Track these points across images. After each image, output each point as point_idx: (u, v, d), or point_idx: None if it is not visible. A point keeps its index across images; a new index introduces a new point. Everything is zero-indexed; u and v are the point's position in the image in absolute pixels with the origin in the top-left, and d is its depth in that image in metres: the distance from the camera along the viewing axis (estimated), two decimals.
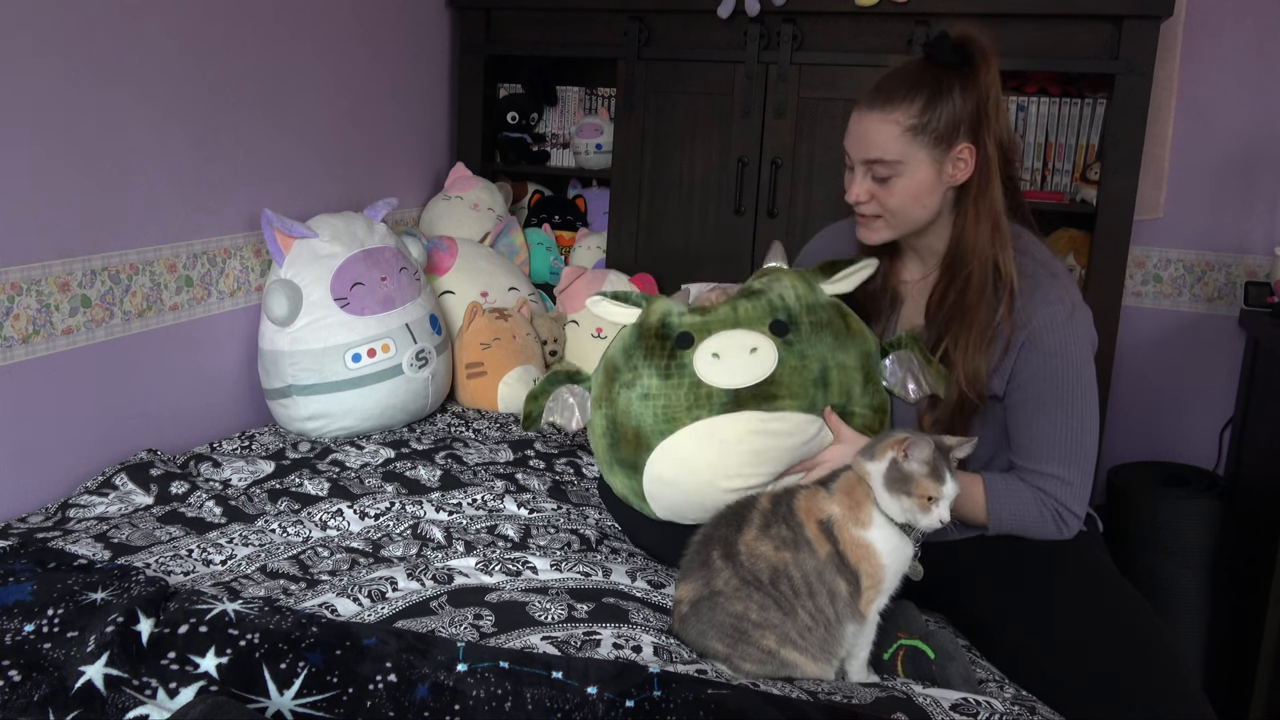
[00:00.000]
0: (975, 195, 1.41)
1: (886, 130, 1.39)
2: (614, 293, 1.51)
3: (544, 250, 2.72)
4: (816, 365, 1.39)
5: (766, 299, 1.43)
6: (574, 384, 1.54)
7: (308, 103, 2.21)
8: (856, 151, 1.43)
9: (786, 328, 1.40)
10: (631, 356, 1.44)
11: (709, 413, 1.36)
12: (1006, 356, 1.40)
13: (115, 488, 1.69)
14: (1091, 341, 1.42)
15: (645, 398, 1.40)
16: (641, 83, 2.56)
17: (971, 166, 1.40)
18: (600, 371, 1.50)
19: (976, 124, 1.39)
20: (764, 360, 1.37)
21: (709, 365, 1.38)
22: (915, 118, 1.38)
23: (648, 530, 1.55)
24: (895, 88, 1.41)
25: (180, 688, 0.99)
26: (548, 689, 1.00)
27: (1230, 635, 2.18)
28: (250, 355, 2.10)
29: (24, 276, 1.61)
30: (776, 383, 1.36)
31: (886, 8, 2.28)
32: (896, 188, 1.41)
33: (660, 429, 1.39)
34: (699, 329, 1.41)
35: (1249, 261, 2.44)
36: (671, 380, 1.39)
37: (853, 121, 1.45)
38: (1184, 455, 2.50)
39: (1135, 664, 1.23)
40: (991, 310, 1.40)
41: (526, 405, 1.56)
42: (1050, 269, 1.42)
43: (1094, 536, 1.51)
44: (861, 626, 1.19)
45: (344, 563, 1.48)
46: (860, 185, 1.44)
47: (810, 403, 1.37)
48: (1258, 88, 2.38)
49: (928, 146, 1.38)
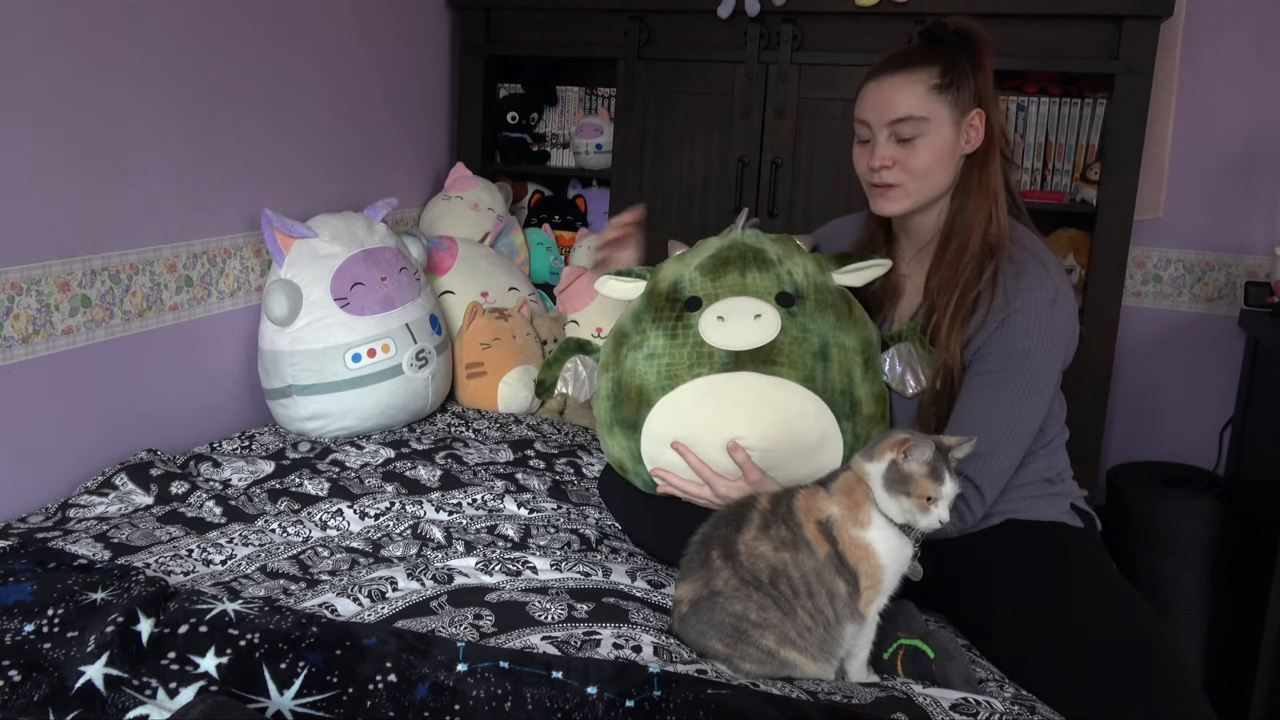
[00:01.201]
0: (980, 165, 1.45)
1: (912, 89, 1.42)
2: (618, 271, 1.56)
3: (544, 250, 2.72)
4: (817, 340, 1.40)
5: (776, 272, 1.45)
6: (585, 355, 1.57)
7: (308, 103, 2.21)
8: (880, 115, 1.45)
9: (792, 299, 1.42)
10: (641, 321, 1.47)
11: (709, 371, 1.39)
12: (982, 330, 1.40)
13: (115, 488, 1.69)
14: (1068, 339, 1.43)
15: (651, 357, 1.43)
16: (641, 83, 2.56)
17: (982, 134, 1.45)
18: (609, 340, 1.53)
19: (984, 96, 1.44)
20: (767, 326, 1.39)
21: (713, 327, 1.40)
22: (937, 78, 1.42)
23: (648, 530, 1.55)
24: (909, 56, 1.46)
25: (180, 688, 0.99)
26: (548, 689, 1.00)
27: (1230, 635, 2.18)
28: (250, 355, 2.10)
29: (24, 276, 1.61)
30: (777, 349, 1.38)
31: (886, 8, 2.28)
32: (921, 148, 1.43)
33: (662, 385, 1.42)
34: (708, 294, 1.43)
35: (1249, 261, 2.44)
36: (677, 340, 1.42)
37: (870, 91, 1.47)
38: (1184, 455, 2.50)
39: (1135, 664, 1.23)
40: (976, 281, 1.42)
41: (541, 373, 1.59)
42: (1040, 259, 1.44)
43: (1094, 536, 1.51)
44: (861, 627, 1.19)
45: (344, 563, 1.48)
46: (884, 149, 1.45)
47: (808, 374, 1.38)
48: (1258, 88, 2.38)
49: (949, 106, 1.43)
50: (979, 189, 1.45)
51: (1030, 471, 1.49)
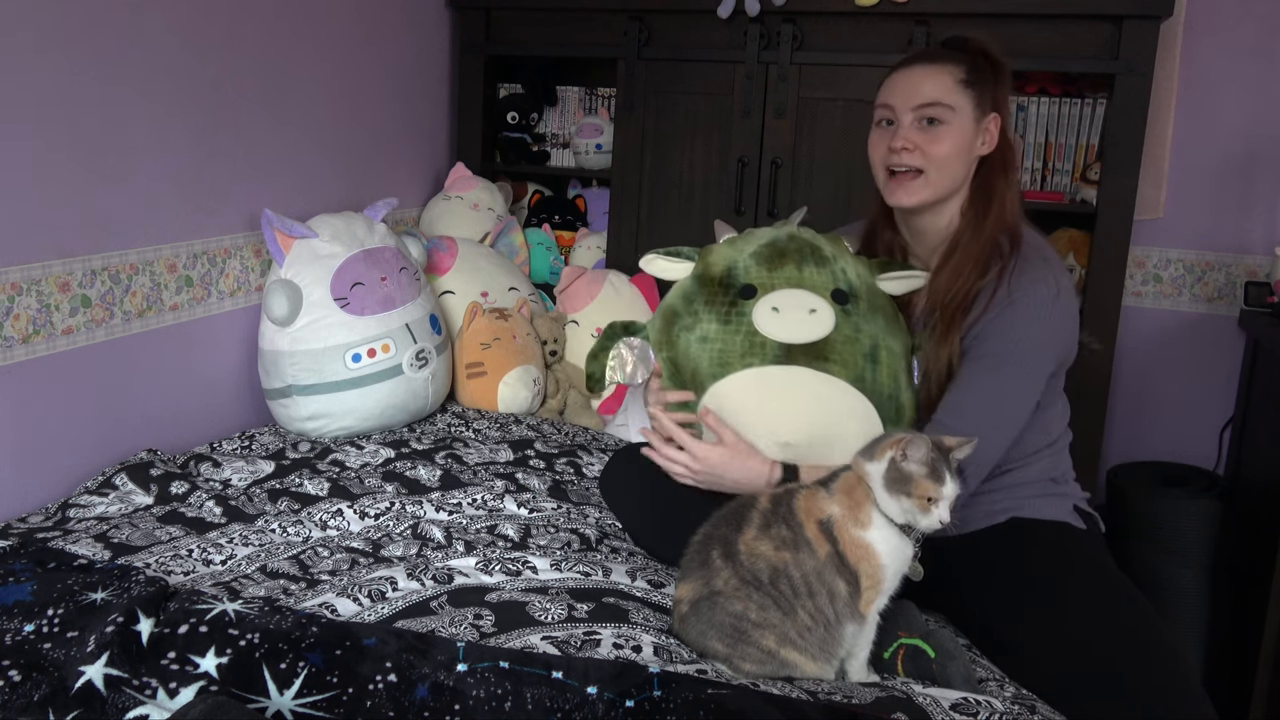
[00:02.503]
0: (993, 170, 1.48)
1: (941, 79, 1.45)
2: (665, 250, 1.54)
3: (544, 250, 2.72)
4: (868, 341, 1.41)
5: (832, 269, 1.45)
6: (631, 336, 1.56)
7: (308, 102, 2.21)
8: (907, 99, 1.46)
9: (847, 298, 1.43)
10: (693, 302, 1.47)
11: (761, 362, 1.39)
12: (982, 319, 1.41)
13: (115, 488, 1.69)
14: (1066, 336, 1.44)
15: (704, 340, 1.44)
16: (641, 83, 2.56)
17: (996, 139, 1.48)
18: (658, 318, 1.53)
19: (1001, 106, 1.48)
20: (822, 322, 1.40)
21: (768, 318, 1.41)
22: (964, 74, 1.45)
23: (648, 530, 1.55)
24: (937, 53, 1.51)
25: (180, 688, 0.99)
26: (548, 689, 1.01)
27: (1230, 635, 2.18)
28: (250, 355, 2.10)
29: (24, 276, 1.61)
30: (829, 346, 1.39)
31: (886, 8, 2.28)
32: (944, 135, 1.45)
33: (714, 371, 1.42)
34: (763, 283, 1.44)
35: (1249, 261, 2.44)
36: (730, 326, 1.42)
37: (897, 79, 1.49)
38: (1184, 455, 2.50)
39: (1136, 663, 1.23)
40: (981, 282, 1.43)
41: (588, 366, 1.58)
42: (1043, 254, 1.45)
43: (1095, 536, 1.51)
44: (861, 626, 1.19)
45: (344, 563, 1.48)
46: (908, 131, 1.46)
47: (859, 374, 1.39)
48: (1258, 88, 2.38)
49: (973, 102, 1.46)
50: (991, 195, 1.46)
51: (1035, 470, 1.49)
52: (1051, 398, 1.47)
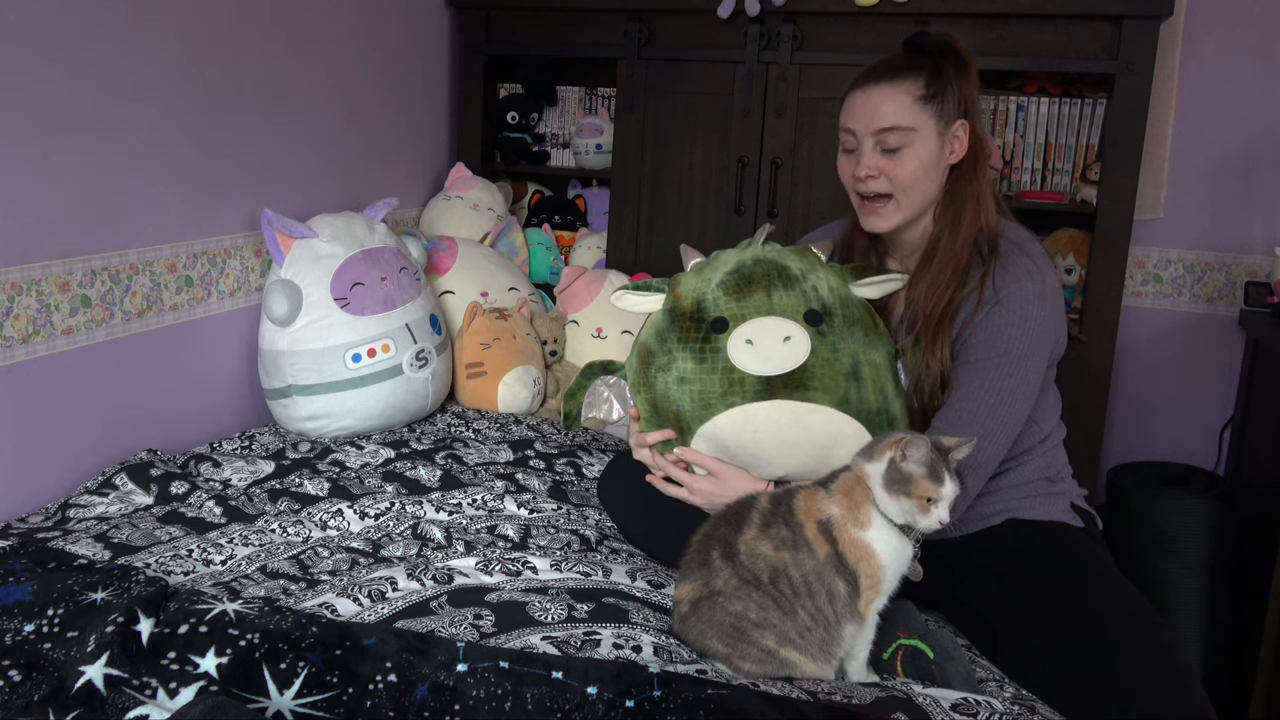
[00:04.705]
0: (965, 176, 1.46)
1: (898, 99, 1.42)
2: (633, 285, 1.50)
3: (544, 250, 2.72)
4: (849, 359, 1.36)
5: (801, 289, 1.39)
6: (608, 374, 1.53)
7: (308, 102, 2.21)
8: (866, 124, 1.44)
9: (820, 317, 1.38)
10: (665, 340, 1.42)
11: (742, 399, 1.35)
12: (970, 322, 1.40)
13: (115, 488, 1.69)
14: (1055, 330, 1.43)
15: (681, 381, 1.39)
16: (641, 83, 2.56)
17: (965, 145, 1.45)
18: (634, 357, 1.49)
19: (968, 107, 1.45)
20: (797, 349, 1.35)
21: (743, 351, 1.36)
22: (923, 89, 1.42)
23: (647, 531, 1.55)
24: (895, 66, 1.46)
25: (180, 688, 0.99)
26: (548, 689, 1.01)
27: (1230, 635, 2.18)
28: (250, 355, 2.10)
29: (24, 276, 1.61)
30: (808, 373, 1.34)
31: (886, 8, 2.28)
32: (907, 159, 1.43)
33: (698, 414, 1.39)
34: (734, 315, 1.39)
35: (1249, 261, 2.44)
36: (706, 364, 1.38)
37: (855, 100, 1.47)
38: (1184, 455, 2.50)
39: (1135, 662, 1.23)
40: (964, 287, 1.42)
41: (565, 404, 1.54)
42: (1024, 248, 1.44)
43: (1094, 535, 1.51)
44: (861, 627, 1.19)
45: (344, 563, 1.48)
46: (870, 159, 1.44)
47: (842, 397, 1.35)
48: (1258, 88, 2.38)
49: (934, 117, 1.43)
50: (964, 199, 1.45)
51: (1030, 470, 1.49)
52: (1042, 391, 1.47)
